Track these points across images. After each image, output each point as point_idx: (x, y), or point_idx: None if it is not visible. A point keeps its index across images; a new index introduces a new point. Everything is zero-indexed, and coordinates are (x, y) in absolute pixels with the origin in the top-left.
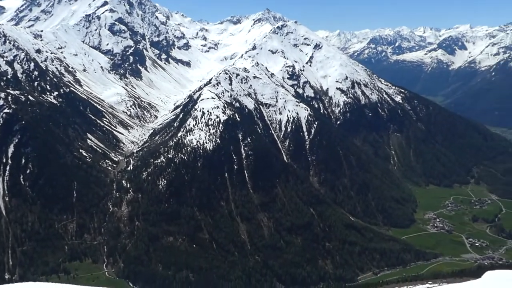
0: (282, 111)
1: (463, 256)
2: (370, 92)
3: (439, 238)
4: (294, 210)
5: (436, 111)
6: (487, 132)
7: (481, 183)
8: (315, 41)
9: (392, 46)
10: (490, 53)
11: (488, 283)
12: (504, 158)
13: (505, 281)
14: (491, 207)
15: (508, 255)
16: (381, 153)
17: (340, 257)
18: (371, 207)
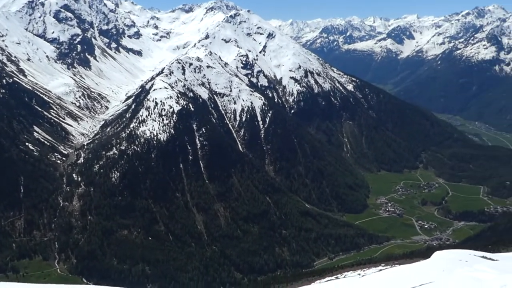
0: (237, 100)
1: (413, 238)
2: (323, 81)
3: (390, 221)
4: (250, 199)
5: (386, 99)
6: (434, 118)
7: (429, 167)
8: (268, 30)
9: (344, 36)
10: (436, 42)
11: (436, 262)
12: (450, 143)
13: (451, 260)
14: (438, 191)
15: (454, 235)
16: (335, 141)
17: (296, 244)
18: (326, 194)
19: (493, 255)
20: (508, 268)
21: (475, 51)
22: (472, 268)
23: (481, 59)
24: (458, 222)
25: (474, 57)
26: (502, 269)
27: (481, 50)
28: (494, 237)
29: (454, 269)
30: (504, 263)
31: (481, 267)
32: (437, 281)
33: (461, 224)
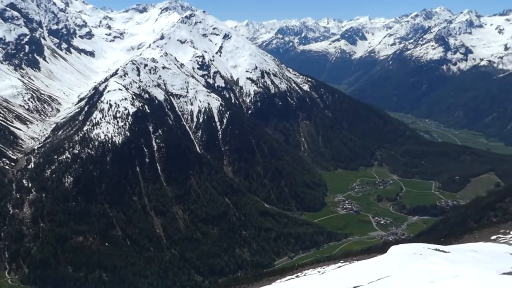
0: (194, 101)
1: (370, 234)
2: (279, 82)
3: (348, 219)
4: (209, 200)
5: (341, 98)
6: (387, 117)
7: (383, 164)
8: (224, 31)
9: (299, 37)
10: (388, 43)
11: (392, 257)
12: (403, 141)
13: (407, 253)
14: (393, 187)
15: (409, 230)
16: (292, 141)
17: (256, 244)
18: (285, 193)
19: (445, 248)
20: (459, 259)
21: (424, 51)
22: (426, 260)
23: (430, 59)
24: (412, 217)
25: (423, 57)
26: (454, 261)
27: (430, 51)
28: (446, 230)
29: (409, 263)
30: (455, 254)
31: (435, 259)
32: (394, 275)
33: (415, 218)
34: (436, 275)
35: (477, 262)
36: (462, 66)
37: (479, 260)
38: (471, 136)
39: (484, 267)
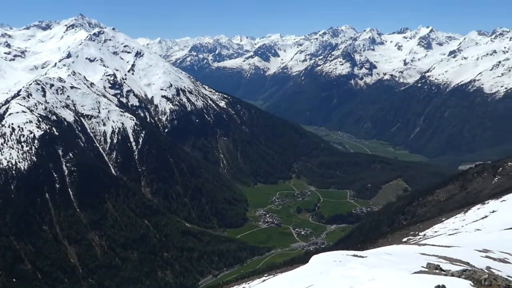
0: (106, 122)
1: (292, 246)
2: (195, 99)
3: (270, 232)
4: (127, 224)
5: (257, 114)
6: (302, 130)
7: (301, 177)
8: (136, 49)
9: (213, 54)
10: (299, 59)
11: (314, 266)
12: (318, 153)
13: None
14: (311, 198)
15: (328, 238)
16: (211, 158)
17: (179, 265)
18: (206, 211)
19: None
20: (375, 263)
21: (333, 67)
22: (346, 267)
23: (339, 74)
24: (331, 226)
25: (333, 73)
26: (370, 265)
27: (338, 66)
28: (362, 236)
29: (330, 270)
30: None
31: (353, 265)
32: (316, 284)
33: (333, 227)
34: (355, 280)
35: (391, 264)
36: (368, 80)
37: (393, 262)
38: (379, 145)
39: (397, 268)
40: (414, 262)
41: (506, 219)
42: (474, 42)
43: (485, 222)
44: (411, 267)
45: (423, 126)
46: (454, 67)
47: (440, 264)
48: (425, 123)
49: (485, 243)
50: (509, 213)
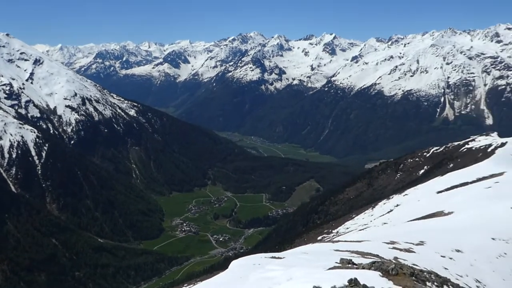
0: (3, 135)
1: (211, 253)
2: (103, 108)
3: (188, 241)
4: (32, 244)
5: (169, 121)
6: (216, 136)
7: (217, 183)
8: (34, 56)
9: (120, 61)
10: (210, 66)
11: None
12: (232, 158)
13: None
14: (228, 204)
15: (247, 243)
16: (122, 168)
17: (93, 283)
18: (119, 224)
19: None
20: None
21: (243, 73)
22: (264, 269)
23: (250, 80)
24: (249, 230)
25: (244, 78)
26: (288, 265)
27: (249, 72)
28: (279, 238)
29: (249, 274)
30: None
31: (271, 267)
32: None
33: (251, 231)
34: (273, 281)
35: (308, 263)
36: (278, 85)
37: (309, 260)
38: (292, 148)
39: (313, 265)
40: (328, 258)
41: (409, 211)
42: (373, 48)
43: (391, 215)
44: (326, 264)
45: (331, 128)
46: (357, 72)
47: (353, 259)
48: (333, 125)
49: (392, 235)
50: (411, 206)
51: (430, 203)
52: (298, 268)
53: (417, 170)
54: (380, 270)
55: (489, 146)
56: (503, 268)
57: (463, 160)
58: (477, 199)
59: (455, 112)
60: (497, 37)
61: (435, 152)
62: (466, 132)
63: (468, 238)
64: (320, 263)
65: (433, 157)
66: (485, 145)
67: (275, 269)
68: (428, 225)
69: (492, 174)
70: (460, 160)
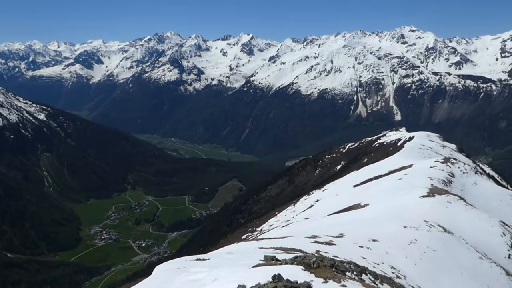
0: None
1: (133, 260)
2: (8, 113)
3: (108, 249)
4: None
5: (84, 125)
6: (135, 139)
7: (137, 187)
8: None
9: (26, 61)
10: (125, 66)
11: (157, 277)
12: (153, 161)
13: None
14: (149, 208)
15: (171, 246)
16: (32, 176)
17: None
18: (31, 236)
19: (205, 256)
20: (217, 263)
21: (161, 73)
22: (189, 272)
23: (168, 80)
24: (172, 234)
25: (162, 79)
26: (213, 266)
27: (167, 73)
28: (204, 239)
29: (174, 278)
30: (214, 260)
31: (197, 269)
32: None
33: (174, 234)
34: (199, 283)
35: (233, 262)
36: (197, 86)
37: (234, 259)
38: (213, 149)
39: (238, 265)
40: (253, 256)
41: (329, 206)
42: (290, 49)
43: (312, 210)
44: (250, 262)
45: (252, 128)
46: (275, 72)
47: (276, 255)
48: (253, 125)
49: (313, 230)
50: (331, 201)
51: (348, 196)
52: (223, 268)
53: (335, 165)
54: (302, 264)
55: (398, 141)
56: (414, 253)
57: (376, 154)
58: (389, 190)
59: (367, 109)
60: (402, 38)
61: (350, 148)
62: (378, 128)
63: (383, 227)
64: (244, 261)
65: (349, 152)
66: (395, 140)
67: (200, 271)
68: (347, 217)
69: (402, 167)
70: (373, 154)
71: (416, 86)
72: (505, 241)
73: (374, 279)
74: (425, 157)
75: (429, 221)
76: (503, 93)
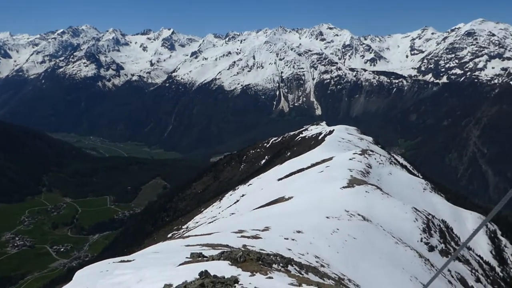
0: None
1: (51, 266)
2: None
3: (22, 256)
4: None
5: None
6: (49, 138)
7: (53, 189)
8: None
9: None
10: (36, 61)
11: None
12: (70, 161)
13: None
14: (68, 210)
15: (92, 250)
16: None
17: None
18: None
19: (129, 257)
20: (143, 264)
21: (77, 68)
22: (113, 275)
23: (84, 76)
24: (93, 236)
25: (78, 75)
26: (138, 267)
27: (83, 68)
28: (128, 240)
29: (96, 282)
30: (139, 260)
31: (120, 271)
32: None
33: (96, 237)
34: (123, 286)
35: (158, 262)
36: (116, 81)
37: (160, 259)
38: (135, 147)
39: (164, 264)
40: (179, 255)
41: (254, 200)
42: (212, 44)
43: (238, 205)
44: (177, 260)
45: (175, 124)
46: (197, 67)
47: (203, 252)
48: (177, 121)
49: (240, 224)
50: (256, 195)
51: (273, 190)
52: (148, 268)
53: (259, 160)
54: (229, 259)
55: (319, 134)
56: (337, 242)
57: (298, 148)
58: (312, 183)
59: (290, 104)
60: (321, 35)
61: (274, 143)
62: (300, 122)
63: (307, 219)
64: (171, 260)
65: (273, 147)
66: (316, 134)
67: (125, 273)
68: (272, 211)
69: (323, 159)
70: (296, 148)
71: (334, 82)
72: (417, 226)
73: (300, 269)
74: (344, 149)
75: (349, 211)
76: (413, 88)
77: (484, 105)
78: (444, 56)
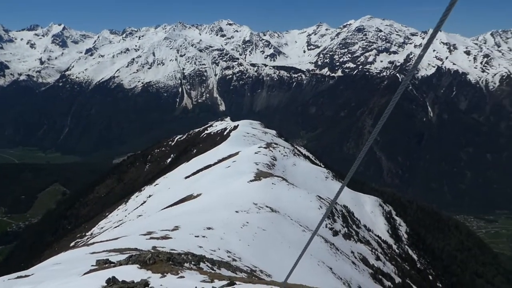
0: None
1: None
2: None
3: None
4: None
5: None
6: None
7: None
8: None
9: None
10: None
11: None
12: None
13: None
14: None
15: None
16: None
17: None
18: None
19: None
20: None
21: None
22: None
23: None
24: None
25: None
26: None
27: None
28: (25, 254)
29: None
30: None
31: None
32: None
33: None
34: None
35: (61, 273)
36: (1, 82)
37: (62, 270)
38: (27, 152)
39: (67, 274)
40: (84, 263)
41: (162, 200)
42: (108, 41)
43: (145, 207)
44: (81, 269)
45: (72, 126)
46: (93, 65)
47: (110, 258)
48: (73, 123)
49: (148, 226)
50: (163, 195)
51: (180, 188)
52: (50, 281)
53: (165, 159)
54: (138, 262)
55: (224, 130)
56: (247, 235)
57: (204, 145)
58: (220, 178)
59: (193, 101)
60: (221, 31)
61: (179, 140)
62: (204, 119)
63: (216, 215)
64: (74, 270)
65: (178, 145)
66: (222, 129)
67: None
68: (181, 209)
69: (230, 155)
70: (202, 145)
71: (237, 77)
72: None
73: (212, 266)
74: (249, 144)
75: (257, 204)
76: (311, 81)
77: (375, 96)
78: (338, 51)
